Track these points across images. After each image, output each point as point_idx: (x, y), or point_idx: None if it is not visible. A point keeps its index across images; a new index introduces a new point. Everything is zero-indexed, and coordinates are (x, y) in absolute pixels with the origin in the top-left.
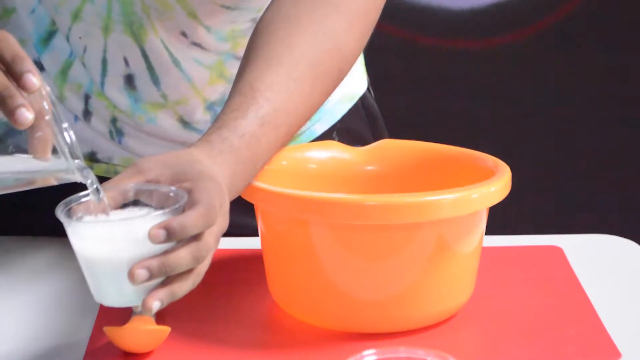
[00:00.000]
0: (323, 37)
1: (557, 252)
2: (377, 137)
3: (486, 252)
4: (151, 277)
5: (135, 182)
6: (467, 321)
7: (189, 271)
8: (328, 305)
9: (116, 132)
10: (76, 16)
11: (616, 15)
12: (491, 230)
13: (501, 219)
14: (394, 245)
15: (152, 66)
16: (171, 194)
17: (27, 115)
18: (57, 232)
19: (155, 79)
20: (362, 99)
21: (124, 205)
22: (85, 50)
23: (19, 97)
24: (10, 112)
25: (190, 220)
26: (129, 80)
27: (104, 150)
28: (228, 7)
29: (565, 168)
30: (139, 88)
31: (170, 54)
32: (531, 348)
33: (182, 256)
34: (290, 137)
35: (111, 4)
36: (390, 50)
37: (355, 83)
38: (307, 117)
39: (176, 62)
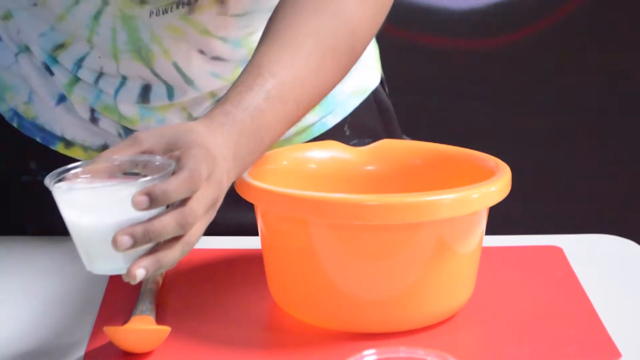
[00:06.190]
0: (331, 15)
1: (557, 252)
2: (389, 132)
3: (486, 252)
4: (135, 244)
5: (130, 154)
6: (467, 321)
7: (176, 239)
8: (328, 305)
9: (125, 133)
10: (90, 41)
11: (616, 15)
12: (491, 230)
13: (501, 219)
14: (394, 245)
15: (166, 83)
16: (157, 163)
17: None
18: (58, 232)
19: (170, 93)
20: (375, 93)
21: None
22: (102, 68)
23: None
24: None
25: (172, 186)
26: (145, 91)
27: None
28: (238, 15)
29: (565, 168)
30: (152, 101)
31: (183, 75)
32: (531, 348)
33: (166, 223)
34: (300, 113)
35: (116, 34)
36: (390, 50)
37: (368, 77)
38: (319, 94)
39: (189, 82)
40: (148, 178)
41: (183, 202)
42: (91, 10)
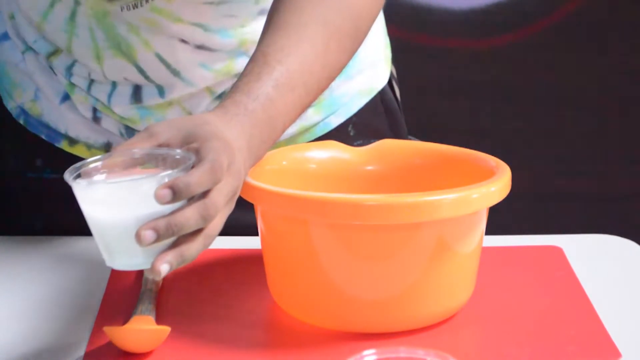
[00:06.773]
0: None
1: (557, 252)
2: (395, 133)
3: (486, 252)
4: (158, 238)
5: (146, 147)
6: (467, 321)
7: (198, 232)
8: (328, 305)
9: (127, 132)
10: (70, 50)
11: (616, 15)
12: (491, 230)
13: (501, 219)
14: (394, 245)
15: (152, 80)
16: (177, 156)
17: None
18: (58, 232)
19: (160, 90)
20: (382, 93)
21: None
22: (90, 74)
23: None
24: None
25: (194, 179)
26: (136, 91)
27: (119, 143)
28: (212, 3)
29: (565, 168)
30: (144, 100)
31: (168, 65)
32: (531, 348)
33: (189, 216)
34: (310, 99)
35: (94, 33)
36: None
37: (376, 77)
38: (327, 78)
39: (175, 72)
40: (169, 172)
41: (204, 194)
42: (66, 12)
